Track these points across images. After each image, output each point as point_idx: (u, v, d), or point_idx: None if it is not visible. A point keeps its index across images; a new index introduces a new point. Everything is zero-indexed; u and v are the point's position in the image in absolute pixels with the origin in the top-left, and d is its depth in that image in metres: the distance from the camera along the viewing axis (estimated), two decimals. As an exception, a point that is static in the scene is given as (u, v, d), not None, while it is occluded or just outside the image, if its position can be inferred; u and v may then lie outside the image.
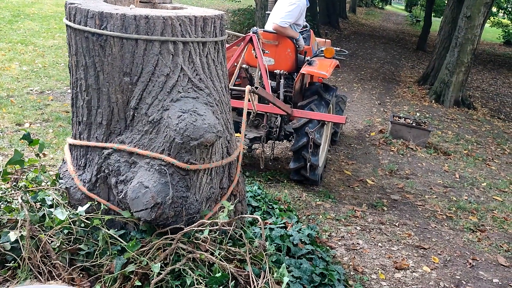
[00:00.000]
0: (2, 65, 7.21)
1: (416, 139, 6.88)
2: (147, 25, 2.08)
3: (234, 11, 15.97)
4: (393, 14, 31.88)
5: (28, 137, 2.56)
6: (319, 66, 4.44)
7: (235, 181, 2.54)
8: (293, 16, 4.66)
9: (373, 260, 3.67)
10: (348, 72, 11.54)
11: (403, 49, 17.07)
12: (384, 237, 4.08)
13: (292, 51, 4.63)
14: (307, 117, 4.20)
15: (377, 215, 4.53)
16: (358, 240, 3.94)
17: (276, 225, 3.53)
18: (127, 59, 2.13)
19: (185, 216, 2.18)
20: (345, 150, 6.34)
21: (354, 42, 16.43)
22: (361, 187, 5.19)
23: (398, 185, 5.39)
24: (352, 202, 4.73)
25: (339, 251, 3.72)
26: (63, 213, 2.18)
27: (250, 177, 4.79)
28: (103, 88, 2.20)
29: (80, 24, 2.15)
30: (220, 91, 2.37)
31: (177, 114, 2.07)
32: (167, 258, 2.16)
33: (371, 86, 10.48)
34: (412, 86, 11.08)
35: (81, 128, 2.33)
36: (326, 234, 3.94)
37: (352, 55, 13.99)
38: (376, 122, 7.87)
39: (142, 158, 2.17)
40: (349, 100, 9.04)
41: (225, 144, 2.45)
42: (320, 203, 4.58)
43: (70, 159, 2.41)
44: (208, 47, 2.27)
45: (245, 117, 2.64)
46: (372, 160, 6.10)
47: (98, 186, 2.33)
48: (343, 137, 6.88)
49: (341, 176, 5.41)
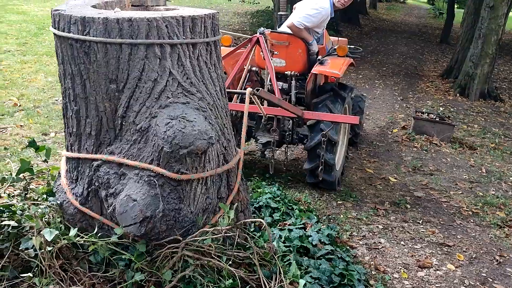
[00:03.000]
0: (29, 77, 7.35)
1: (440, 134, 6.62)
2: (130, 28, 1.94)
3: (252, 13, 15.90)
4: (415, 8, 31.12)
5: (34, 144, 2.47)
6: (331, 65, 4.23)
7: (235, 190, 2.36)
8: (312, 21, 4.46)
9: (395, 259, 3.52)
10: (369, 69, 11.27)
11: (426, 42, 16.59)
12: (407, 235, 3.91)
13: (304, 52, 4.44)
14: (318, 119, 3.98)
15: (399, 213, 4.36)
16: (380, 239, 3.79)
17: (295, 226, 3.44)
18: (112, 65, 2.00)
19: (179, 229, 2.03)
20: (366, 148, 6.15)
21: (375, 38, 16.07)
22: (384, 185, 5.01)
23: (421, 181, 5.18)
24: (374, 201, 4.57)
25: (360, 250, 3.59)
26: (51, 233, 2.06)
27: (270, 179, 4.70)
28: (90, 97, 2.07)
29: (64, 31, 2.03)
30: (214, 94, 2.20)
31: (165, 121, 1.92)
32: (175, 266, 2.06)
33: (393, 82, 10.19)
34: (436, 80, 10.72)
35: (72, 139, 2.21)
36: (347, 233, 3.81)
37: (373, 51, 13.67)
38: (399, 118, 7.63)
39: (131, 169, 2.03)
40: (370, 97, 8.82)
41: (221, 151, 2.27)
42: (341, 202, 4.44)
43: (64, 172, 2.29)
44: (199, 48, 2.11)
45: (245, 121, 2.47)
46: (395, 157, 5.90)
47: (90, 200, 2.19)
48: (365, 134, 6.69)
49: (362, 174, 5.25)
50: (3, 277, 2.31)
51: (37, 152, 2.52)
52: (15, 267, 2.38)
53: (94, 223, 2.23)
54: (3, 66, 7.76)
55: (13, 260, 2.40)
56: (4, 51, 8.76)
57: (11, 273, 2.34)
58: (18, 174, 2.41)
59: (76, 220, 2.22)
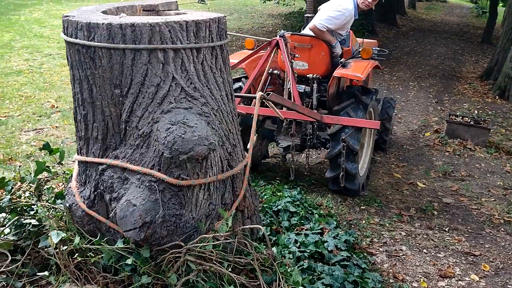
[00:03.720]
0: (67, 79, 7.65)
1: (474, 139, 6.37)
2: (133, 33, 1.94)
3: (286, 14, 15.87)
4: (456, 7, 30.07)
5: (48, 147, 2.53)
6: (353, 68, 4.11)
7: (240, 196, 2.32)
8: (335, 23, 4.36)
9: (416, 268, 3.42)
10: (404, 71, 11.00)
11: (467, 43, 16.01)
12: (431, 243, 3.79)
13: (327, 54, 4.35)
14: (338, 123, 3.89)
15: (425, 219, 4.23)
16: (401, 246, 3.70)
17: (312, 231, 3.41)
18: (116, 70, 2.00)
19: (180, 235, 2.01)
20: (396, 152, 6.01)
21: (412, 39, 15.66)
22: (411, 190, 4.88)
23: (451, 187, 5.01)
24: (399, 206, 4.46)
25: (379, 257, 3.51)
26: (58, 235, 2.10)
27: (293, 182, 4.69)
28: (96, 102, 2.09)
29: (71, 36, 2.05)
30: (219, 99, 2.18)
31: (166, 127, 1.91)
32: (179, 270, 2.07)
33: (428, 84, 9.90)
34: (474, 82, 10.32)
35: (81, 143, 2.23)
36: (367, 240, 3.74)
37: (409, 52, 13.32)
38: (432, 121, 7.41)
39: (134, 174, 2.03)
40: (403, 99, 8.62)
41: (225, 157, 2.24)
42: (365, 207, 4.36)
43: (75, 175, 2.31)
44: (203, 53, 2.09)
45: (254, 125, 2.42)
46: (425, 162, 5.73)
47: (96, 203, 2.21)
48: (395, 138, 6.53)
49: (389, 179, 5.13)
50: (24, 273, 2.42)
51: (51, 154, 2.55)
52: (35, 264, 2.48)
53: (102, 226, 2.25)
54: (44, 69, 8.12)
55: (33, 257, 2.51)
56: (45, 54, 9.17)
57: (31, 270, 2.45)
58: (36, 175, 2.52)
59: (84, 223, 2.25)
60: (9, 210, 2.51)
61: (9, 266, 2.38)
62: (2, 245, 2.50)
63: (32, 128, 5.59)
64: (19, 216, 2.55)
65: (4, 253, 2.45)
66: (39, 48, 9.49)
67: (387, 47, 13.69)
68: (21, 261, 2.44)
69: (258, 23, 15.05)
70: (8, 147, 4.91)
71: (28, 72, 7.85)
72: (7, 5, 14.14)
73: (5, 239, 2.55)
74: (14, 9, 13.55)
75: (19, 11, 13.28)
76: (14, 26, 11.24)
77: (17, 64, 8.28)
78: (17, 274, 2.38)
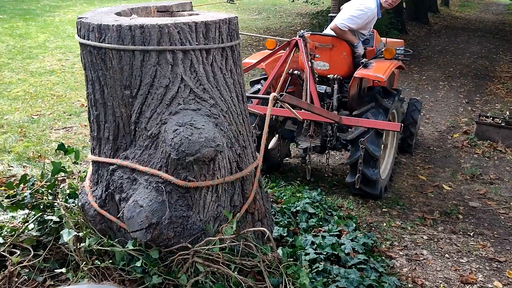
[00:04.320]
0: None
1: (506, 140, 6.15)
2: (142, 35, 1.94)
3: (313, 13, 15.74)
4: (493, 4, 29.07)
5: (63, 147, 2.58)
6: (375, 68, 4.01)
7: (250, 198, 2.28)
8: (357, 22, 4.28)
9: (436, 273, 3.33)
10: (435, 70, 10.72)
11: (502, 41, 15.45)
12: (454, 247, 3.69)
13: (349, 55, 4.27)
14: (356, 125, 3.80)
15: (449, 223, 4.12)
16: (422, 250, 3.61)
17: (330, 233, 3.38)
18: (126, 71, 2.01)
19: (188, 237, 2.00)
20: (422, 154, 5.87)
21: (444, 37, 15.24)
22: (436, 193, 4.76)
23: (479, 191, 4.86)
24: (422, 210, 4.36)
25: (399, 261, 3.44)
26: (69, 233, 2.14)
27: (314, 183, 4.66)
28: (108, 103, 2.10)
29: (84, 38, 2.07)
30: (229, 100, 2.16)
31: (173, 128, 1.91)
32: (188, 271, 2.07)
33: (459, 84, 9.62)
34: (508, 82, 9.94)
35: (94, 143, 2.25)
36: (387, 243, 3.67)
37: (441, 51, 12.97)
38: (461, 122, 7.19)
39: (142, 174, 2.04)
40: (432, 99, 8.41)
41: (234, 158, 2.21)
42: (386, 210, 4.28)
43: (89, 174, 2.33)
44: (213, 54, 2.07)
45: (266, 127, 2.39)
46: (452, 164, 5.57)
47: (107, 203, 2.22)
48: (422, 139, 6.39)
49: (414, 181, 5.02)
50: (45, 268, 2.50)
51: (66, 154, 2.60)
52: (56, 259, 2.56)
53: (113, 226, 2.26)
54: (75, 69, 8.34)
55: (55, 253, 2.58)
56: (77, 54, 9.39)
57: (52, 265, 2.52)
58: (53, 175, 2.57)
59: (96, 222, 2.27)
60: (31, 206, 2.61)
61: (31, 260, 2.46)
62: (26, 241, 2.58)
63: (62, 126, 5.76)
64: (42, 213, 2.64)
65: (28, 248, 2.53)
66: (72, 48, 9.76)
67: (418, 46, 13.40)
68: (43, 256, 2.52)
69: (286, 22, 15.00)
70: (38, 145, 5.07)
71: (60, 72, 8.09)
72: (43, 6, 14.62)
73: (29, 234, 2.63)
74: (49, 10, 13.99)
75: (54, 12, 13.70)
76: (49, 27, 11.60)
77: (51, 64, 8.54)
78: (38, 269, 2.45)
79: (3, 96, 6.63)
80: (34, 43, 9.90)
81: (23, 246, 2.49)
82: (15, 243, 2.50)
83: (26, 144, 5.03)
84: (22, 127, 5.53)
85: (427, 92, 8.81)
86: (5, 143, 4.99)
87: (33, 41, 10.10)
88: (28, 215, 2.64)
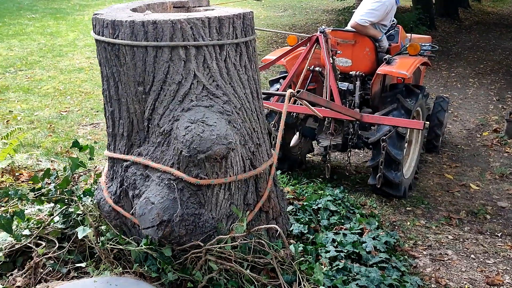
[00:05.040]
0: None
1: (538, 139, 5.97)
2: (155, 30, 1.90)
3: (340, 10, 15.56)
4: (528, -1, 28.13)
5: (78, 144, 2.58)
6: (398, 64, 3.87)
7: (264, 197, 2.23)
8: (376, 15, 4.15)
9: (461, 273, 3.24)
10: (464, 67, 10.43)
11: (537, 37, 14.96)
12: (480, 248, 3.59)
13: (372, 51, 4.15)
14: (378, 123, 3.70)
15: (476, 223, 4.01)
16: (447, 250, 3.52)
17: (351, 231, 3.34)
18: (139, 67, 1.98)
19: (200, 234, 1.97)
20: (449, 152, 5.73)
21: (475, 33, 14.80)
22: (463, 192, 4.64)
23: (508, 190, 4.70)
24: (448, 209, 4.25)
25: (422, 261, 3.37)
26: (84, 231, 2.15)
27: (337, 180, 4.61)
28: (122, 99, 2.08)
29: (99, 34, 2.06)
30: (243, 97, 2.11)
31: (185, 125, 1.87)
32: (202, 268, 2.06)
33: (490, 81, 9.32)
34: (542, 79, 9.64)
35: (110, 139, 2.25)
36: (410, 242, 3.59)
37: (471, 47, 12.60)
38: (491, 120, 6.97)
39: (155, 171, 2.01)
40: (461, 97, 8.19)
41: (248, 156, 2.16)
42: (411, 209, 4.20)
43: (105, 170, 2.33)
44: (227, 50, 2.02)
45: (283, 123, 2.32)
46: (481, 163, 5.41)
47: (122, 199, 2.21)
48: (450, 137, 6.23)
49: (440, 180, 4.90)
50: (69, 260, 2.56)
51: (81, 151, 2.60)
52: (80, 252, 2.62)
53: (127, 222, 2.26)
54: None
55: (79, 245, 2.64)
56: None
57: (76, 257, 2.58)
58: (72, 171, 2.59)
59: (111, 218, 2.27)
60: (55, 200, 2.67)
61: (56, 252, 2.52)
62: (51, 233, 2.64)
63: (90, 122, 5.88)
64: (66, 206, 2.71)
65: (53, 240, 2.59)
66: (100, 46, 9.93)
67: (447, 42, 13.06)
68: (67, 248, 2.57)
69: (312, 19, 14.87)
70: (66, 140, 5.20)
71: (88, 70, 8.26)
72: (73, 6, 14.95)
73: (54, 227, 2.70)
74: (79, 9, 14.30)
75: (83, 11, 13.99)
76: (78, 25, 11.86)
77: (79, 62, 8.73)
78: (63, 260, 2.50)
79: (34, 93, 6.82)
80: (64, 42, 10.13)
81: (48, 238, 2.54)
82: (41, 235, 2.55)
83: (55, 139, 5.15)
84: (51, 123, 5.68)
85: (456, 89, 8.59)
86: (34, 138, 5.13)
87: (63, 39, 10.34)
88: (53, 208, 2.70)
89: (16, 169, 3.75)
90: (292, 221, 3.15)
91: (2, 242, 2.51)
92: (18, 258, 2.46)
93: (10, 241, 2.50)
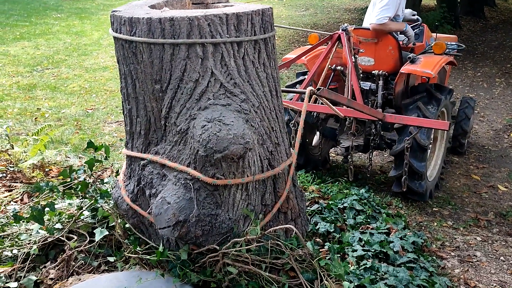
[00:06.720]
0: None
1: None
2: (172, 28, 1.85)
3: (362, 8, 15.42)
4: (557, -3, 27.39)
5: (92, 144, 2.58)
6: (423, 63, 3.70)
7: (283, 197, 2.16)
8: (390, 9, 3.95)
9: (491, 275, 3.18)
10: (491, 66, 10.21)
11: None
12: (510, 250, 3.50)
13: (395, 49, 4.00)
14: (401, 123, 3.53)
15: (505, 225, 3.92)
16: (475, 252, 3.46)
17: (378, 230, 3.32)
18: (156, 65, 1.93)
19: (216, 235, 1.92)
20: (476, 153, 5.62)
21: (502, 32, 14.46)
22: (490, 193, 4.55)
23: (538, 192, 4.63)
24: (476, 210, 4.17)
25: (450, 262, 3.31)
26: (101, 233, 2.14)
27: (362, 180, 4.58)
28: (139, 97, 2.03)
29: (116, 31, 2.01)
30: (261, 95, 2.03)
31: (201, 124, 1.82)
32: (221, 270, 2.01)
33: (517, 80, 9.17)
34: None
35: (128, 137, 2.21)
36: (438, 243, 3.54)
37: (497, 46, 12.32)
38: (519, 121, 6.86)
39: (171, 171, 1.96)
40: (488, 97, 8.04)
41: (266, 156, 2.08)
42: (437, 209, 4.13)
43: (123, 168, 2.30)
44: (245, 47, 1.95)
45: (302, 122, 2.24)
46: (509, 164, 5.28)
47: (139, 198, 2.18)
48: (476, 138, 6.12)
49: (467, 181, 4.82)
50: (100, 254, 2.60)
51: (96, 151, 2.59)
52: (110, 246, 2.67)
53: (145, 220, 2.22)
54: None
55: (108, 239, 2.69)
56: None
57: (106, 251, 2.62)
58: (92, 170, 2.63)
59: (129, 216, 2.24)
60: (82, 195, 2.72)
61: (87, 246, 2.57)
62: (82, 227, 2.69)
63: (115, 120, 5.97)
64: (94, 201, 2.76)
65: (84, 234, 2.64)
66: (124, 45, 10.08)
67: (473, 41, 12.79)
68: (97, 242, 2.62)
69: (334, 18, 14.78)
70: (92, 137, 5.28)
71: (113, 68, 8.37)
72: (97, 5, 15.20)
73: (84, 221, 2.76)
74: (103, 9, 14.52)
75: (107, 11, 14.19)
76: (102, 25, 12.04)
77: (104, 61, 8.87)
78: (94, 254, 2.54)
79: (61, 91, 6.95)
80: (89, 41, 10.30)
81: (79, 232, 2.57)
82: (72, 228, 2.59)
83: (82, 136, 5.24)
84: (78, 121, 5.78)
85: (482, 89, 8.42)
86: (62, 135, 5.23)
87: (88, 38, 10.51)
88: (82, 202, 2.76)
89: (46, 165, 3.84)
90: (318, 220, 3.14)
91: (35, 235, 2.55)
92: (50, 251, 2.50)
93: (43, 234, 2.54)
